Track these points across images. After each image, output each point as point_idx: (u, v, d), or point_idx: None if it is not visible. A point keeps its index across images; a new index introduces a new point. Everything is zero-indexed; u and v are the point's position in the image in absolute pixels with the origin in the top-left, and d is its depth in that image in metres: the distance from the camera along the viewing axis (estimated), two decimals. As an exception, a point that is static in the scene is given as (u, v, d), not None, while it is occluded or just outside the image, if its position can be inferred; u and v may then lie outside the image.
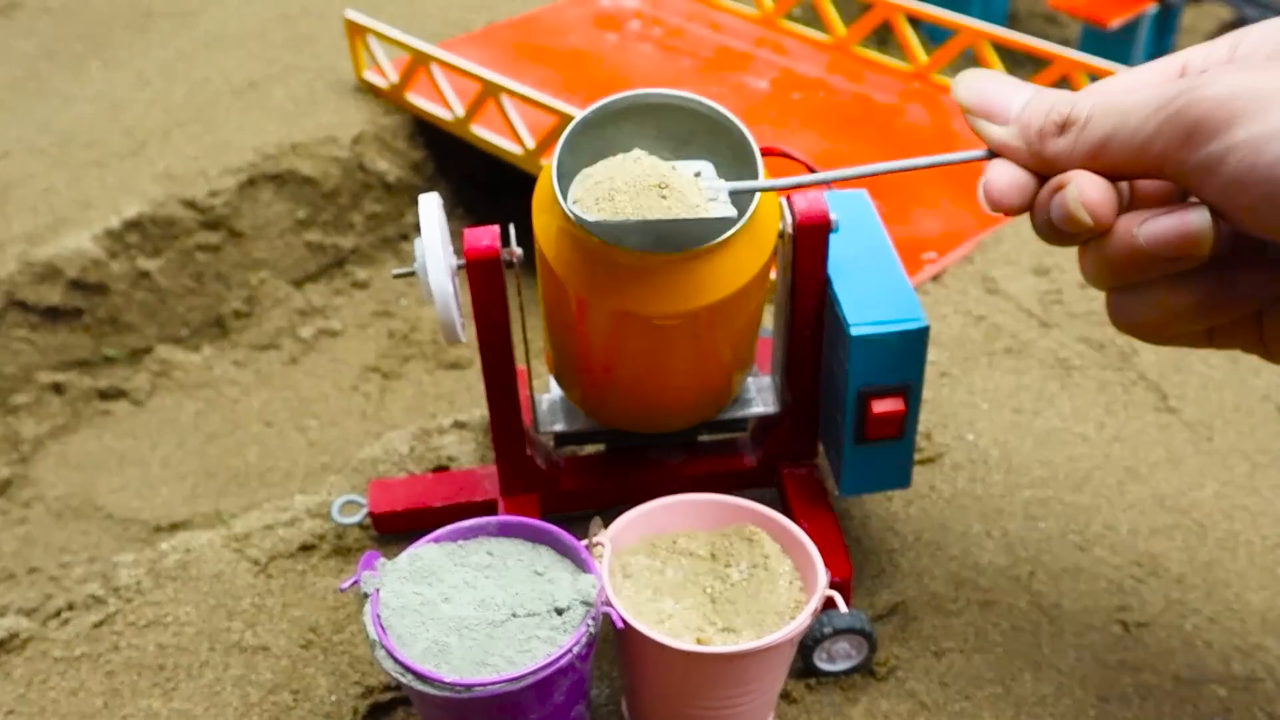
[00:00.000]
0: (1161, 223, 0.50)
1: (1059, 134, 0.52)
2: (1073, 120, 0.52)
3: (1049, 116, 0.53)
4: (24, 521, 1.10)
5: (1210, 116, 0.47)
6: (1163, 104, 0.48)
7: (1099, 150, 0.51)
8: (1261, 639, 0.74)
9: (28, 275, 1.17)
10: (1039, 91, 0.54)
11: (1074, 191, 0.52)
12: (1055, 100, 0.53)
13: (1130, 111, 0.50)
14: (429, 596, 0.59)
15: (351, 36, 1.38)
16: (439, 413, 1.19)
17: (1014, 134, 0.54)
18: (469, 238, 0.67)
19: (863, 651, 0.71)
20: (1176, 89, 0.48)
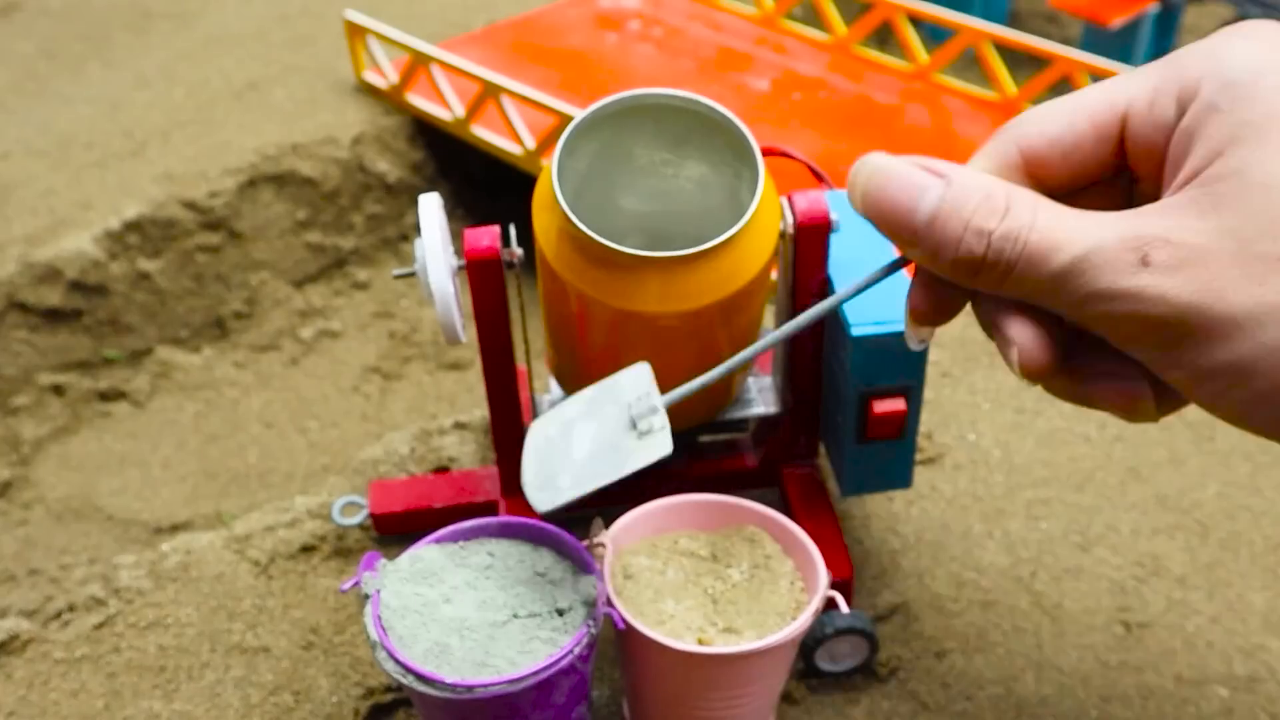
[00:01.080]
0: (1111, 390, 0.46)
1: (974, 274, 0.44)
2: (990, 264, 0.43)
3: (959, 253, 0.43)
4: (24, 523, 1.09)
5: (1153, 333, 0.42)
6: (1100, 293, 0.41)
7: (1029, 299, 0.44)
8: (1264, 639, 0.74)
9: (28, 277, 1.17)
10: (943, 197, 0.44)
11: (1013, 356, 0.46)
12: (963, 229, 0.43)
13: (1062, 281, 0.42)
14: (430, 597, 0.59)
15: (351, 37, 1.38)
16: (440, 413, 1.19)
17: (926, 258, 0.45)
18: (469, 238, 0.67)
19: (864, 652, 0.71)
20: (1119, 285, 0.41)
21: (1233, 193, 0.41)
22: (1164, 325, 0.41)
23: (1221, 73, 0.43)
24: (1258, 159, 0.41)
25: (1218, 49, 0.44)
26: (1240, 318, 0.40)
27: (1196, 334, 0.41)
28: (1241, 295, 0.40)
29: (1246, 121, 0.41)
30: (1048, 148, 0.47)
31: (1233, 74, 0.42)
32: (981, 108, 1.35)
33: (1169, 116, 0.44)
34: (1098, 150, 0.46)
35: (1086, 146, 0.46)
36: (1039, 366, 0.45)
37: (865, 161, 0.48)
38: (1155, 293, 0.41)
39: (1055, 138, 0.46)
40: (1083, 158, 0.46)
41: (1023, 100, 1.33)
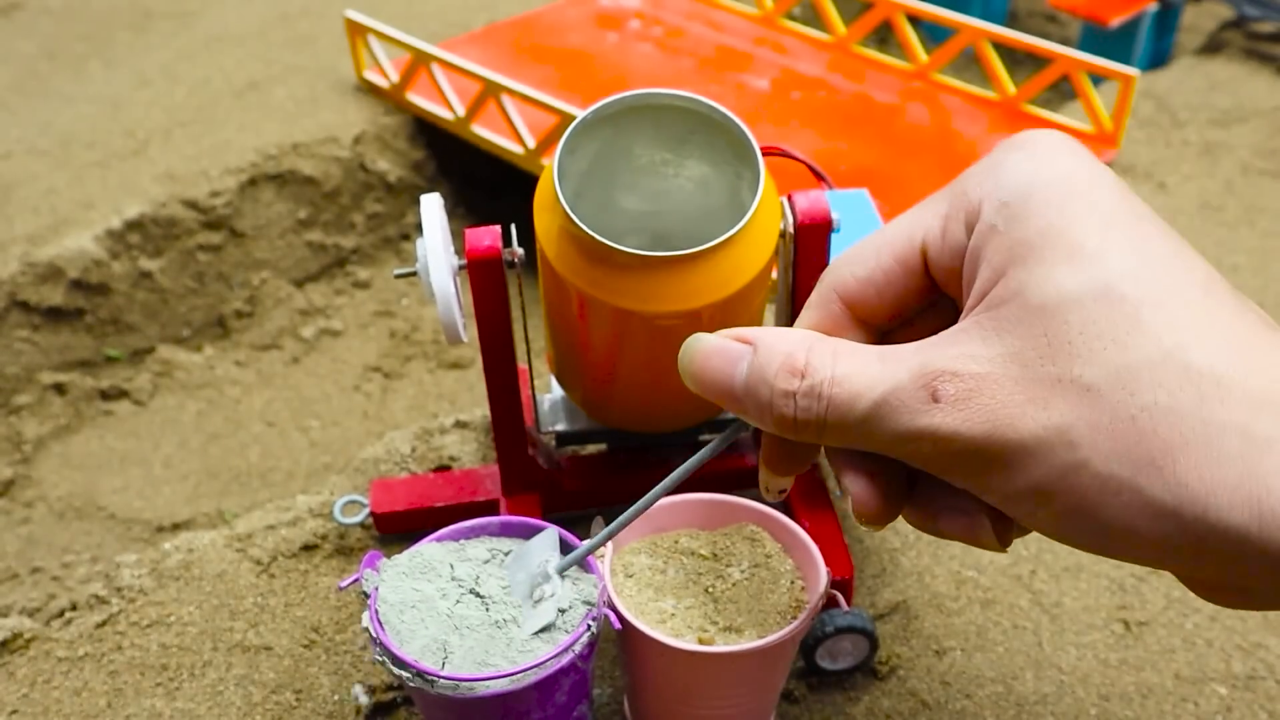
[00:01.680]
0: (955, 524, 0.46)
1: (796, 432, 0.45)
2: (802, 425, 0.44)
3: (773, 416, 0.45)
4: (27, 522, 1.10)
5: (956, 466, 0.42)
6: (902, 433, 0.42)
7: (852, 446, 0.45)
8: (1262, 637, 0.74)
9: (30, 276, 1.17)
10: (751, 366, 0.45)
11: (851, 506, 0.47)
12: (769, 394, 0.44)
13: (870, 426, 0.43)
14: (430, 595, 0.59)
15: (352, 36, 1.38)
16: (440, 412, 1.19)
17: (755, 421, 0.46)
18: (470, 238, 0.67)
19: (864, 650, 0.71)
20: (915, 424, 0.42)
21: (1013, 316, 0.41)
22: (965, 457, 0.41)
23: (997, 192, 0.43)
24: (1034, 279, 0.41)
25: (995, 166, 0.44)
26: (1030, 444, 0.40)
27: (994, 462, 0.41)
28: (1029, 422, 0.40)
29: (1021, 240, 0.42)
30: (861, 289, 0.48)
31: (1007, 192, 0.43)
32: (981, 106, 1.35)
33: (960, 240, 0.45)
34: (908, 283, 0.47)
35: (897, 281, 0.47)
36: (871, 512, 0.46)
37: (688, 342, 0.49)
38: (949, 429, 0.41)
39: (866, 278, 0.48)
40: (896, 292, 0.48)
41: (1021, 99, 1.33)
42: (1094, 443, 0.39)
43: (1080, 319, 0.40)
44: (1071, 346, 0.40)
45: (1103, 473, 0.39)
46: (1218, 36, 1.53)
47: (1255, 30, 1.52)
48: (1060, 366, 0.40)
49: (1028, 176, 0.43)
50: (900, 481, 0.47)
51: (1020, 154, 0.44)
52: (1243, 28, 1.53)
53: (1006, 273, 0.42)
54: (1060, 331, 0.40)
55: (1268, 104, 1.36)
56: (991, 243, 0.43)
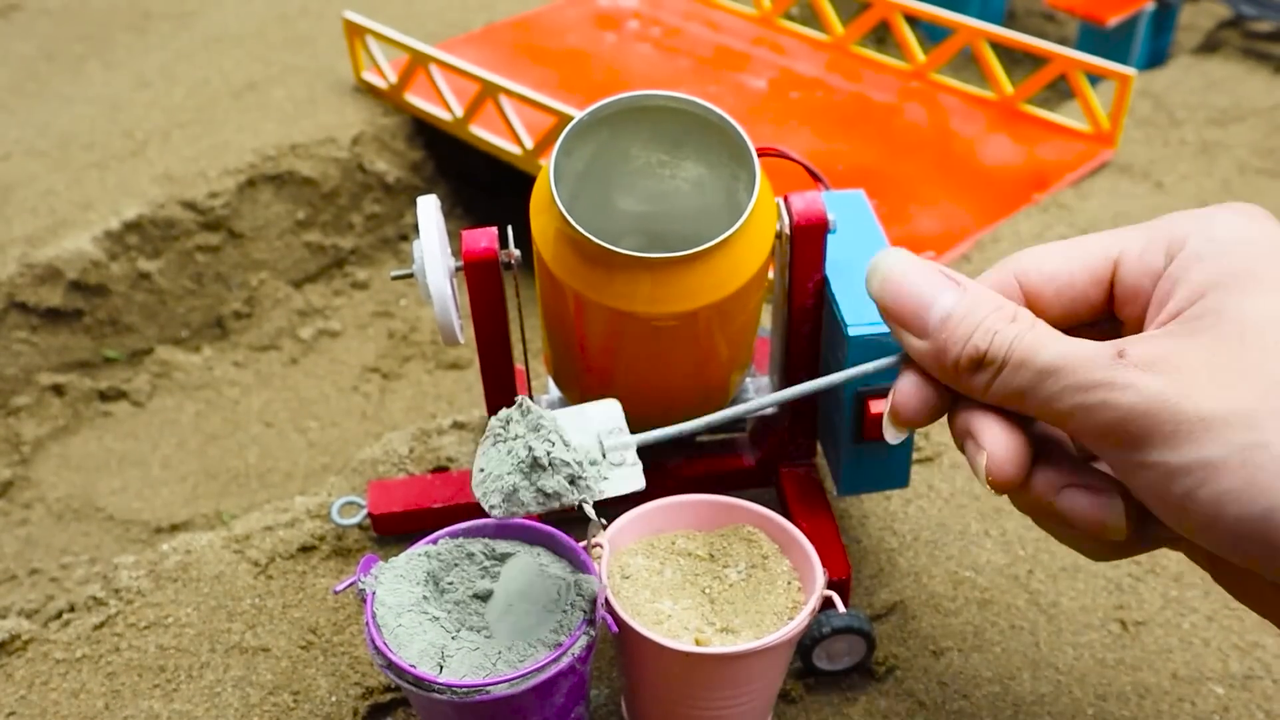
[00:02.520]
0: (1080, 501, 0.49)
1: (974, 371, 0.48)
2: (990, 360, 0.48)
3: (965, 349, 0.48)
4: (25, 523, 1.10)
5: (1122, 426, 0.44)
6: (1079, 385, 0.45)
7: (1014, 399, 0.48)
8: (1259, 637, 0.74)
9: (28, 277, 1.17)
10: (959, 299, 0.49)
11: (981, 462, 0.49)
12: (975, 326, 0.48)
13: (1047, 374, 0.46)
14: (428, 598, 0.59)
15: (350, 37, 1.38)
16: (439, 413, 1.19)
17: (931, 353, 0.50)
18: (467, 240, 0.67)
19: (861, 651, 0.71)
20: (1095, 377, 0.45)
21: (1208, 327, 0.45)
22: (1134, 418, 0.44)
23: (1208, 231, 0.48)
24: (1234, 302, 0.45)
25: (1207, 214, 0.49)
26: (1209, 418, 0.43)
27: (1164, 431, 0.43)
28: (1210, 398, 0.43)
29: (1226, 270, 0.46)
30: (1044, 282, 0.51)
31: (1217, 232, 0.48)
32: (978, 106, 1.35)
33: (1158, 264, 0.49)
34: (1088, 291, 0.51)
35: (1079, 285, 0.51)
36: (1006, 472, 0.49)
37: (889, 254, 0.52)
38: (1126, 381, 0.44)
39: (1051, 274, 0.51)
40: (1074, 295, 0.51)
41: (1019, 99, 1.33)
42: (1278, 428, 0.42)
43: (1275, 336, 0.44)
44: (1263, 351, 0.43)
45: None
46: (1215, 35, 1.53)
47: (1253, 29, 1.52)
48: (1249, 362, 0.43)
49: (1238, 229, 0.48)
50: (1030, 449, 0.49)
51: (1233, 213, 0.49)
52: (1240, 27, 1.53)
53: (1206, 295, 0.46)
54: (1254, 340, 0.44)
55: (1265, 103, 1.37)
56: (1195, 269, 0.47)
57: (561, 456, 0.55)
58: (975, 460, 0.50)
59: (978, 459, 0.49)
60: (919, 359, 0.51)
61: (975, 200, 1.19)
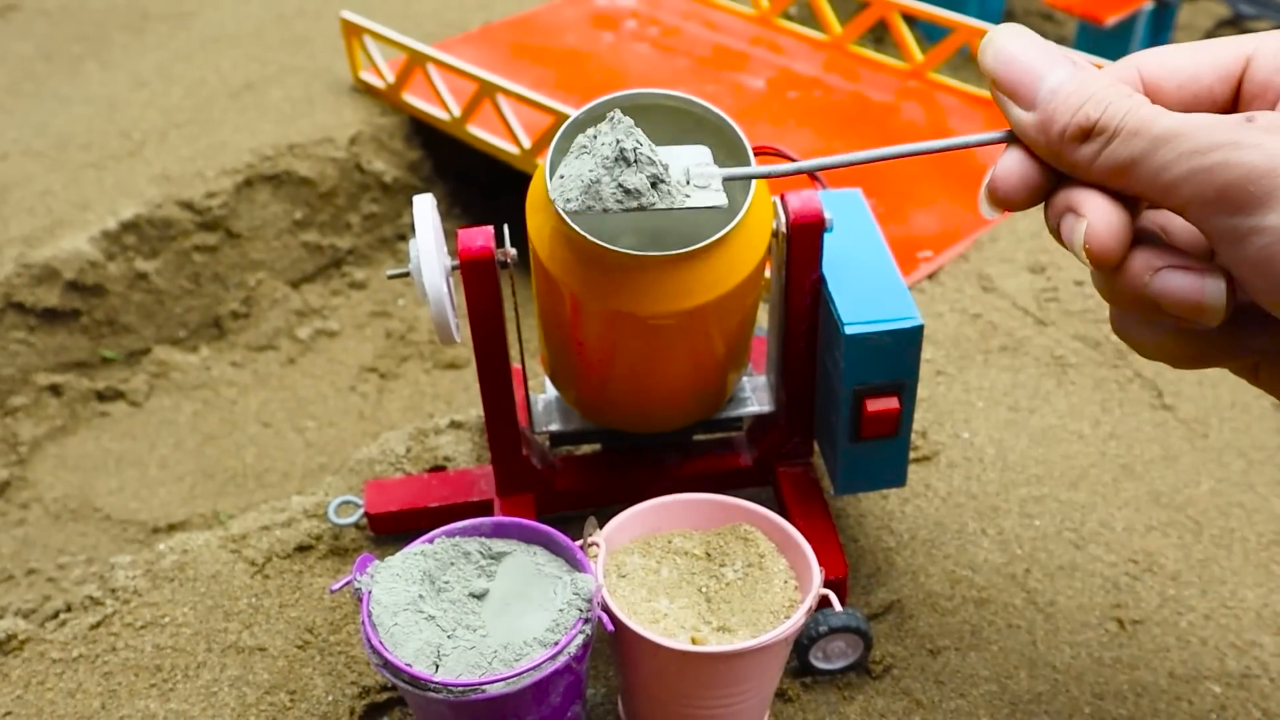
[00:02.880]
0: (1176, 280, 0.47)
1: (1082, 140, 0.47)
2: (1101, 129, 0.46)
3: (1075, 118, 0.47)
4: (22, 523, 1.10)
5: (1242, 186, 0.43)
6: (1199, 148, 0.44)
7: (1123, 171, 0.46)
8: (1257, 635, 0.74)
9: (25, 277, 1.17)
10: (1072, 74, 0.48)
11: (1081, 232, 0.48)
12: (1087, 98, 0.47)
13: (1163, 141, 0.45)
14: (424, 597, 0.59)
15: (348, 37, 1.38)
16: (436, 413, 1.19)
17: (1038, 124, 0.48)
18: (463, 239, 0.67)
19: (858, 650, 0.71)
20: (1217, 138, 0.44)
21: None
22: (1257, 177, 0.43)
23: None
24: None
25: None
26: None
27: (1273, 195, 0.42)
28: None
29: None
30: (1167, 75, 0.50)
31: None
32: (976, 105, 1.35)
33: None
34: (1214, 86, 0.50)
35: (1204, 80, 0.49)
36: (1105, 243, 0.47)
37: (1005, 28, 0.50)
38: (1253, 140, 0.43)
39: (1177, 67, 0.50)
40: (1198, 90, 0.50)
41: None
42: None
43: None
44: None
45: None
46: (1213, 35, 1.53)
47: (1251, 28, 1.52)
48: None
49: None
50: (1132, 227, 0.48)
51: None
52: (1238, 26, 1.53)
53: None
54: None
55: (1263, 102, 1.37)
56: None
57: (648, 155, 0.54)
58: (1074, 232, 0.48)
59: (1076, 230, 0.48)
60: (1024, 131, 0.49)
61: (972, 199, 1.18)
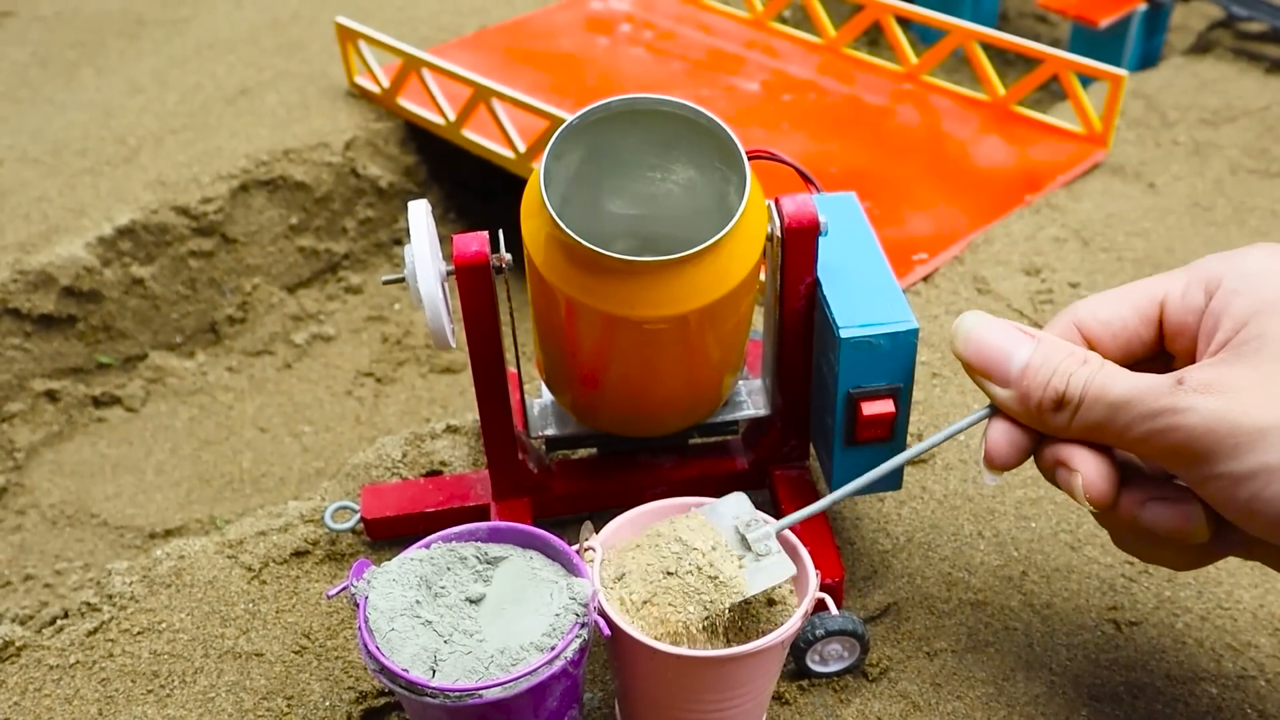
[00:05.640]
0: (1161, 512, 0.55)
1: (1055, 410, 0.55)
2: (1068, 400, 0.54)
3: (1045, 392, 0.55)
4: (19, 529, 1.10)
5: (1190, 446, 0.51)
6: (1145, 414, 0.52)
7: (1095, 431, 0.54)
8: (1253, 637, 0.74)
9: (21, 283, 1.17)
10: (1036, 351, 0.56)
11: (1078, 484, 0.55)
12: (1051, 372, 0.55)
13: (1119, 409, 0.53)
14: (420, 602, 0.59)
15: (343, 42, 1.38)
16: (432, 417, 1.19)
17: (1014, 399, 0.57)
18: (458, 244, 0.67)
19: (855, 653, 0.71)
20: (1159, 404, 0.51)
21: (1253, 351, 0.51)
22: (1198, 437, 0.50)
23: (1239, 269, 0.55)
24: (1274, 327, 0.51)
25: (1235, 255, 0.56)
26: (1265, 428, 0.49)
27: (1226, 443, 0.49)
28: (1263, 411, 0.49)
29: (1263, 299, 0.53)
30: (1100, 328, 0.58)
31: (1248, 269, 0.55)
32: (971, 108, 1.36)
33: (1199, 301, 0.56)
34: (1140, 331, 0.58)
35: (1131, 326, 0.58)
36: (1100, 490, 0.55)
37: (968, 316, 0.60)
38: (1187, 405, 0.50)
39: (1106, 320, 0.58)
40: (1129, 336, 0.58)
41: (1011, 100, 1.33)
42: None
43: None
44: None
45: None
46: (1207, 36, 1.53)
47: (1244, 30, 1.52)
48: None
49: (1265, 264, 0.55)
50: (1117, 471, 0.56)
51: (1259, 251, 0.56)
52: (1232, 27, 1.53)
53: (1248, 323, 0.52)
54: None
55: (1257, 103, 1.37)
56: (1234, 302, 0.54)
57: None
58: (1071, 484, 0.56)
59: (1073, 482, 0.56)
60: (1004, 406, 0.58)
61: (968, 202, 1.19)
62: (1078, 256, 1.10)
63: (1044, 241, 1.12)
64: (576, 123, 0.64)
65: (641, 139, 0.69)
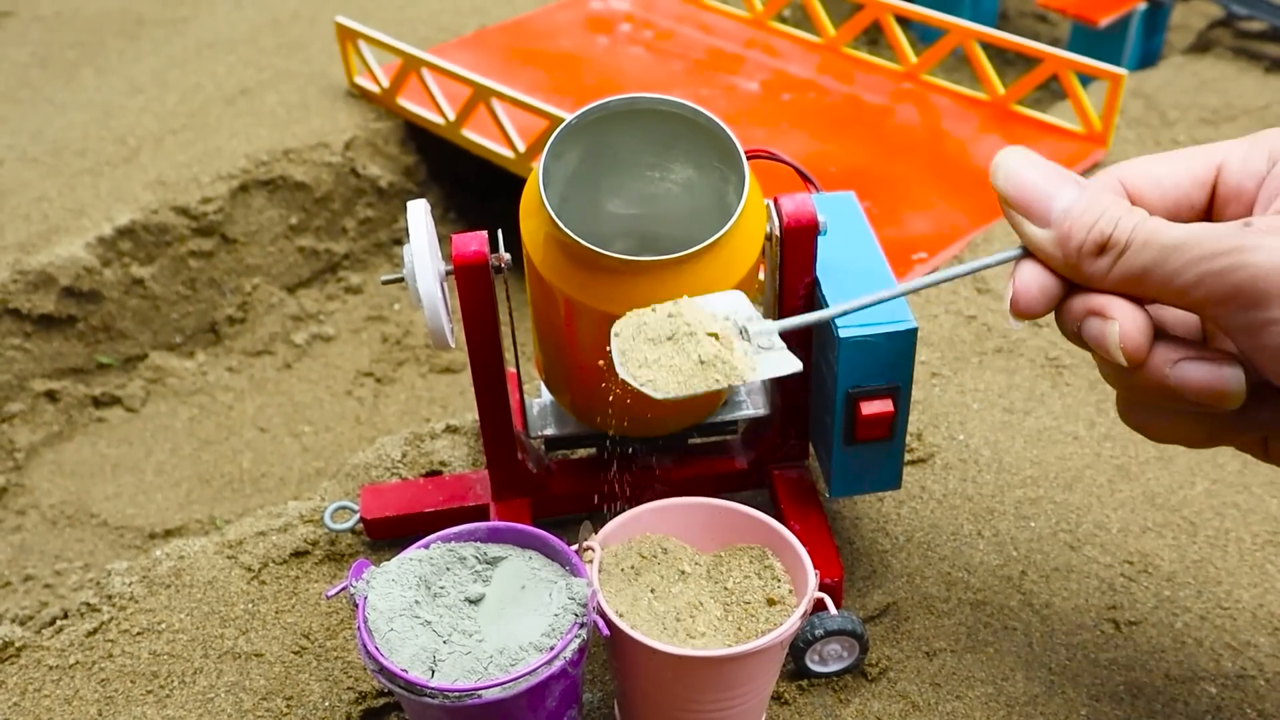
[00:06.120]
0: (1196, 370, 0.51)
1: (1097, 254, 0.51)
2: (1114, 244, 0.51)
3: (1090, 234, 0.51)
4: (19, 529, 1.10)
5: (1254, 286, 0.47)
6: (1207, 254, 0.48)
7: (1137, 280, 0.51)
8: (1252, 636, 0.74)
9: (21, 283, 1.17)
10: (1082, 194, 0.53)
11: (1114, 332, 0.52)
12: (1099, 214, 0.51)
13: (1173, 251, 0.49)
14: (419, 602, 0.59)
15: (343, 42, 1.38)
16: (431, 417, 1.19)
17: (1052, 240, 0.53)
18: (457, 244, 0.67)
19: (854, 653, 0.71)
20: (1223, 244, 0.48)
21: None
22: (1264, 275, 0.47)
23: None
24: None
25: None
26: None
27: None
28: None
29: None
30: (1149, 184, 0.55)
31: None
32: (970, 107, 1.36)
33: (1260, 168, 0.53)
34: (1191, 193, 0.55)
35: (1183, 187, 0.55)
36: (1136, 342, 0.51)
37: (1012, 150, 0.56)
38: (1255, 243, 0.47)
39: (1157, 178, 0.55)
40: (1178, 196, 0.55)
41: (1011, 99, 1.33)
42: None
43: None
44: None
45: None
46: (1206, 35, 1.53)
47: (1244, 29, 1.52)
48: None
49: None
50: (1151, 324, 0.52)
51: None
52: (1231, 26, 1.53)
53: None
54: None
55: (1256, 102, 1.37)
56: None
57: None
58: (1105, 334, 0.52)
59: (1107, 332, 0.52)
60: (1039, 247, 0.53)
61: (967, 201, 1.19)
62: (1077, 256, 1.10)
63: (1044, 241, 1.12)
64: (576, 122, 0.64)
65: (641, 138, 0.69)
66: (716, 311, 0.58)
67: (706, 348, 0.55)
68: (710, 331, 0.56)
